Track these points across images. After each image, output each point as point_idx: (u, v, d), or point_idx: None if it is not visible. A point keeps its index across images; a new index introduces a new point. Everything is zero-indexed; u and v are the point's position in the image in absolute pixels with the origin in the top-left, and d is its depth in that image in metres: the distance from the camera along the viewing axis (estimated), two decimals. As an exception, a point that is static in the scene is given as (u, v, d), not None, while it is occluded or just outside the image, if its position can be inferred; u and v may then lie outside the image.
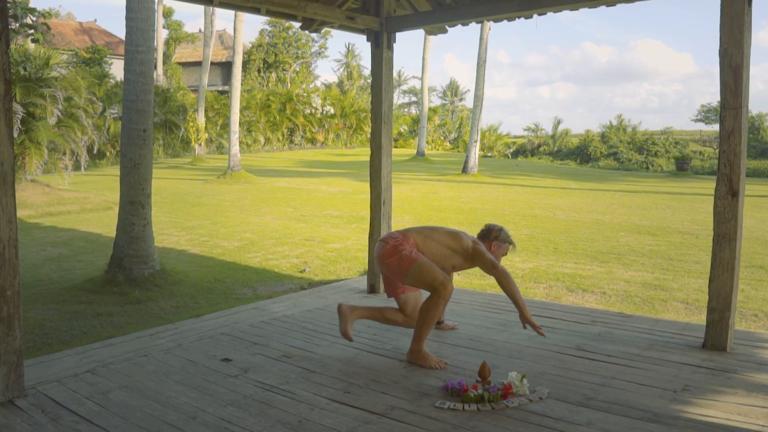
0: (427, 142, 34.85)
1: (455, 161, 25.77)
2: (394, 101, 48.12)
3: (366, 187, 6.31)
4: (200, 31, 37.45)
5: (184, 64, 37.79)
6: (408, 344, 3.80)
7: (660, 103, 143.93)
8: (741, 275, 5.57)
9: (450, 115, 47.14)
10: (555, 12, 4.58)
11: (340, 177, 19.12)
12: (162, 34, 32.00)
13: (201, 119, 24.34)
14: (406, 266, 3.57)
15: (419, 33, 14.66)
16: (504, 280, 3.56)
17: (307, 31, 5.45)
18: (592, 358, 3.67)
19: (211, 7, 17.15)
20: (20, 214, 10.71)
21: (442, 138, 41.25)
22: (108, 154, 23.16)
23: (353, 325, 4.28)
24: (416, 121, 38.21)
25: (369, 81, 40.55)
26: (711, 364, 3.54)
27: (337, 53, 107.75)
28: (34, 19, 10.75)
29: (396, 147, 34.77)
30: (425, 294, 3.85)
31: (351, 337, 3.77)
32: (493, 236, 3.89)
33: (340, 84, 49.84)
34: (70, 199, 13.11)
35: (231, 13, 31.04)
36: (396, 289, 3.88)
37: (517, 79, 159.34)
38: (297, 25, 5.37)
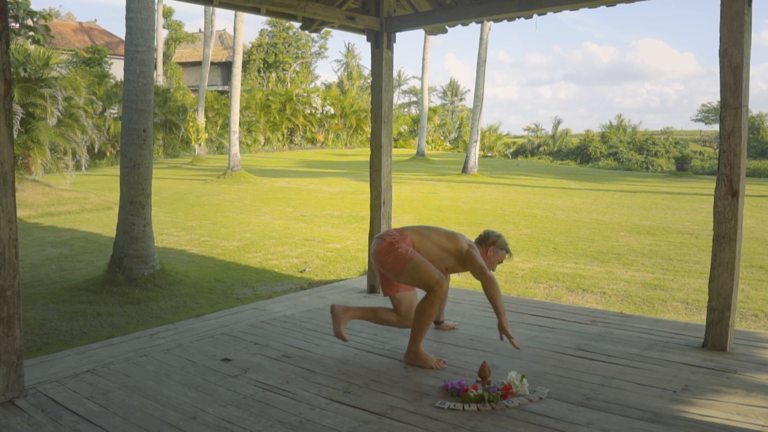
0: (427, 142, 34.87)
1: (455, 161, 25.77)
2: (394, 101, 48.14)
3: (366, 187, 6.31)
4: (200, 31, 37.46)
5: (184, 64, 37.78)
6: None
7: (661, 103, 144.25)
8: (741, 275, 5.57)
9: (450, 115, 47.12)
10: (555, 12, 4.58)
11: (340, 177, 19.11)
12: (162, 34, 31.99)
13: (201, 119, 24.34)
14: (402, 264, 3.57)
15: (419, 33, 14.67)
16: (489, 286, 3.54)
17: (307, 31, 5.46)
18: (592, 358, 3.67)
19: (211, 7, 17.14)
20: (20, 214, 10.71)
21: (442, 138, 41.25)
22: (108, 154, 23.16)
23: (349, 325, 4.28)
24: (416, 121, 38.22)
25: (369, 81, 40.60)
26: (711, 364, 3.54)
27: (337, 53, 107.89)
28: (35, 20, 10.76)
29: (396, 147, 34.79)
30: (420, 294, 3.84)
31: (345, 338, 3.77)
32: (491, 241, 3.88)
33: (340, 84, 49.82)
34: (70, 199, 13.11)
35: (231, 13, 31.11)
36: (392, 288, 3.87)
37: (519, 78, 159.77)
38: (297, 25, 5.37)
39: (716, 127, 43.42)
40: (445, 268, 3.76)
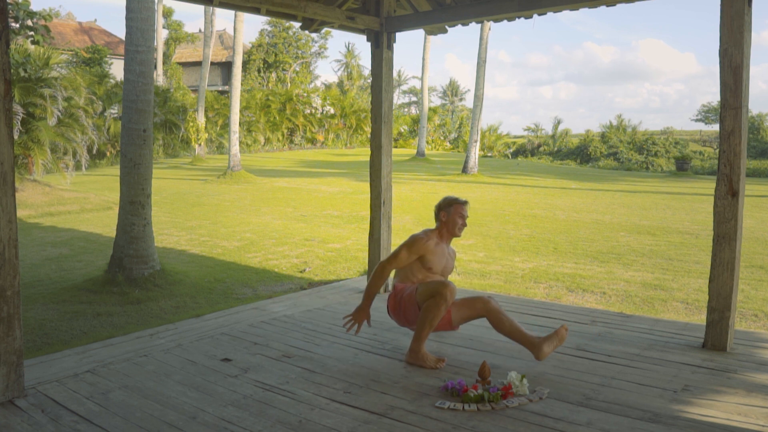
0: (427, 142, 34.87)
1: (455, 161, 25.77)
2: (394, 101, 48.12)
3: (366, 187, 6.31)
4: (200, 31, 37.46)
5: (184, 64, 37.78)
6: (408, 344, 3.81)
7: (661, 103, 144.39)
8: (741, 275, 5.57)
9: (450, 115, 47.12)
10: (555, 12, 4.57)
11: (340, 177, 19.11)
12: (162, 34, 31.99)
13: (201, 119, 24.33)
14: (412, 302, 3.65)
15: (419, 33, 14.67)
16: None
17: (307, 31, 5.46)
18: (592, 358, 3.67)
19: (211, 7, 17.13)
20: (20, 214, 10.71)
21: (442, 138, 41.26)
22: (108, 154, 23.16)
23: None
24: (416, 121, 38.22)
25: (369, 81, 40.59)
26: (711, 364, 3.53)
27: (337, 53, 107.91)
28: (35, 21, 10.77)
29: (396, 147, 34.78)
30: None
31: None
32: (439, 207, 3.92)
33: (340, 84, 49.82)
34: (70, 199, 13.11)
35: (231, 13, 31.12)
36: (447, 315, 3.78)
37: (519, 78, 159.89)
38: (297, 25, 5.37)
39: (716, 127, 43.43)
40: (428, 269, 3.79)
